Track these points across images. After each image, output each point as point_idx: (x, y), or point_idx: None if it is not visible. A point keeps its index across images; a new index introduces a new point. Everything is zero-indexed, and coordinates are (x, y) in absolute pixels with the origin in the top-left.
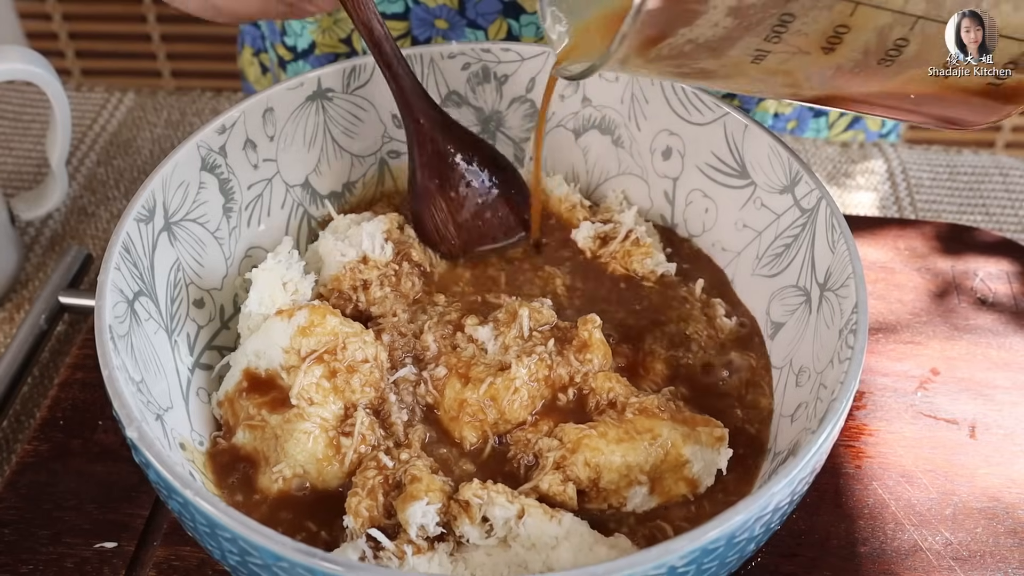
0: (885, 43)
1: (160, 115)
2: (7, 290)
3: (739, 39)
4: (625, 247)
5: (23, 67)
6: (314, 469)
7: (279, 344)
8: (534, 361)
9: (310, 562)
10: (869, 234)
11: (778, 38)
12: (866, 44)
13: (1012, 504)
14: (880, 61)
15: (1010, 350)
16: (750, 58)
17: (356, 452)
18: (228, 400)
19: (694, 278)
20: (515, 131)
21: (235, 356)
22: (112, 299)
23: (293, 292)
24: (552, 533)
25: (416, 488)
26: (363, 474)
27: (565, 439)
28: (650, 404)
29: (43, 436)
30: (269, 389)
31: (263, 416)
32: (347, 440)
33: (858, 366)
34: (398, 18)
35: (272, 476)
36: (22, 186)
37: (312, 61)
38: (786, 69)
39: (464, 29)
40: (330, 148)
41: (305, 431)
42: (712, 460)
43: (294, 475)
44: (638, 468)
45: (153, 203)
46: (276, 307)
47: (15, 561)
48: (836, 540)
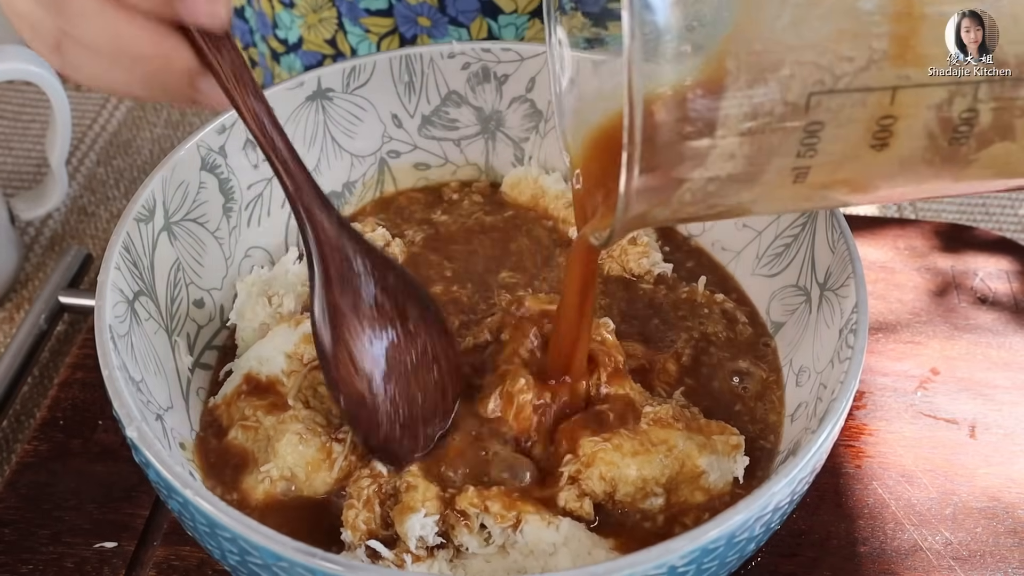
0: (950, 121)
1: (160, 115)
2: (7, 290)
3: (767, 163)
4: (622, 245)
5: (23, 67)
6: (303, 472)
7: (283, 349)
8: None
9: (310, 562)
10: (869, 234)
11: (813, 151)
12: (925, 127)
13: (1012, 504)
14: (951, 141)
15: (1010, 350)
16: (790, 178)
17: (347, 459)
18: (226, 403)
19: (695, 276)
20: (515, 131)
21: (238, 363)
22: (112, 299)
23: (278, 306)
24: (550, 540)
25: (412, 497)
26: (357, 484)
27: (580, 452)
28: (664, 414)
29: (43, 436)
30: (268, 394)
31: (258, 417)
32: (339, 446)
33: (858, 366)
34: (382, 14)
35: (259, 476)
36: (22, 186)
37: (301, 56)
38: (841, 179)
39: (447, 26)
40: (330, 148)
41: (298, 432)
42: (728, 469)
43: (281, 477)
44: (654, 481)
45: (153, 203)
46: (259, 320)
47: (15, 561)
48: (836, 540)
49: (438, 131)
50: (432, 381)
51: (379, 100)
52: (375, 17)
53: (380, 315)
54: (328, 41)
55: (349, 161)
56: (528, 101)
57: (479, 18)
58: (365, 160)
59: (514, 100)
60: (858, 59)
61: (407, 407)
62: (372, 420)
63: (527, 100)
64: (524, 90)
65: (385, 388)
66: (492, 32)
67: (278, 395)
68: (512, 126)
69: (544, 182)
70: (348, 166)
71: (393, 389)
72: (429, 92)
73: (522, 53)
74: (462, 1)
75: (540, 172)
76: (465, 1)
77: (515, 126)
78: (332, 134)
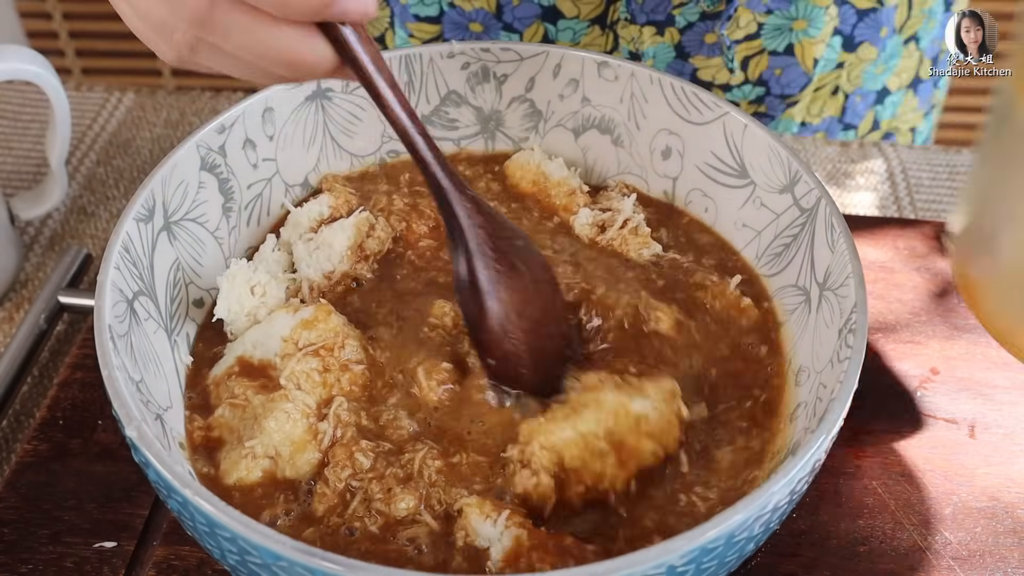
0: None
1: (160, 115)
2: (7, 290)
3: None
4: (623, 234)
5: (23, 67)
6: (287, 451)
7: (279, 334)
8: None
9: (310, 561)
10: (869, 234)
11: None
12: None
13: (1012, 504)
14: None
15: None
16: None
17: (332, 438)
18: (215, 383)
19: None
20: (515, 131)
21: (231, 346)
22: (112, 299)
23: (261, 295)
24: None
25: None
26: (335, 471)
27: (520, 438)
28: (589, 381)
29: (43, 436)
30: (259, 376)
31: (247, 396)
32: (324, 424)
33: (857, 366)
34: (431, 21)
35: (242, 452)
36: (22, 186)
37: None
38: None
39: (500, 33)
40: (329, 148)
41: (286, 411)
42: (669, 408)
43: (264, 454)
44: (593, 436)
45: (153, 203)
46: (245, 312)
47: (15, 561)
48: (836, 540)
49: (438, 131)
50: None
51: None
52: (423, 23)
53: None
54: (378, 39)
55: (349, 161)
56: (528, 101)
57: (535, 24)
58: (365, 160)
59: (514, 100)
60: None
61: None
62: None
63: (527, 100)
64: (524, 90)
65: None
66: (548, 36)
67: (269, 378)
68: (512, 126)
69: (547, 168)
70: (348, 166)
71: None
72: (429, 92)
73: (521, 53)
74: (521, 7)
75: (543, 157)
76: (524, 7)
77: (515, 126)
78: (332, 134)
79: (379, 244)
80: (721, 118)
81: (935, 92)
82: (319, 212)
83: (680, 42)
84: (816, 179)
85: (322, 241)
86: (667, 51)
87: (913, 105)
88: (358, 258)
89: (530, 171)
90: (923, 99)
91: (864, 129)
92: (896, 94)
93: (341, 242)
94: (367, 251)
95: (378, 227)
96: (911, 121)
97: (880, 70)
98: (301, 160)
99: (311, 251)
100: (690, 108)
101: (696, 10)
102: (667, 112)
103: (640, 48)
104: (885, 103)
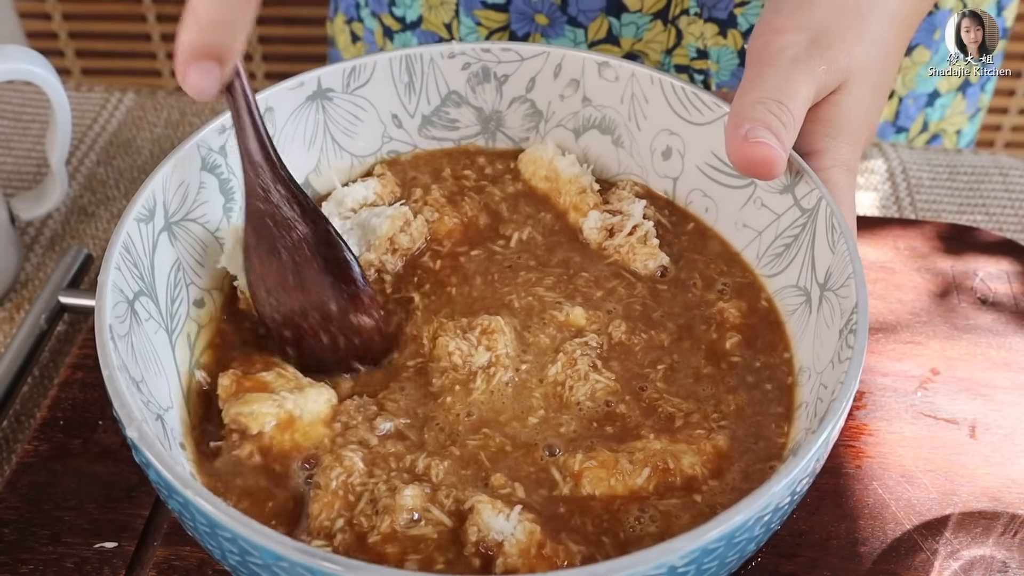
0: None
1: (160, 115)
2: (7, 290)
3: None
4: (631, 242)
5: (23, 67)
6: (310, 418)
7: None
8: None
9: (310, 562)
10: (869, 234)
11: None
12: None
13: (1012, 504)
14: None
15: (1010, 350)
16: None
17: (341, 423)
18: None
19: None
20: (515, 131)
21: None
22: (112, 299)
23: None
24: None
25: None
26: (326, 472)
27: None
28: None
29: (43, 436)
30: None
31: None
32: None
33: (858, 366)
34: (499, 9)
35: (271, 403)
36: (22, 186)
37: (419, 35)
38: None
39: (564, 26)
40: (330, 148)
41: (320, 390)
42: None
43: (288, 412)
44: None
45: (153, 203)
46: None
47: (15, 561)
48: (836, 540)
49: (438, 131)
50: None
51: (379, 100)
52: (490, 11)
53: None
54: (446, 25)
55: (349, 161)
56: (528, 101)
57: (600, 17)
58: (365, 160)
59: (514, 100)
60: None
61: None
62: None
63: (527, 100)
64: (524, 90)
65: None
66: (612, 30)
67: None
68: (512, 126)
69: (558, 164)
70: (348, 166)
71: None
72: (429, 92)
73: (522, 53)
74: (586, 0)
75: (556, 152)
76: (590, 0)
77: (515, 126)
78: (332, 134)
79: (410, 242)
80: (721, 118)
81: (981, 95)
82: (364, 196)
83: (744, 48)
84: (817, 179)
85: (358, 222)
86: (730, 57)
87: (961, 108)
88: (387, 250)
89: (543, 166)
90: (971, 102)
91: (915, 132)
92: (945, 96)
93: (376, 229)
94: (397, 245)
95: (413, 225)
96: (958, 124)
97: (931, 73)
98: (301, 160)
99: (346, 230)
100: (690, 108)
101: (758, 9)
102: (667, 112)
103: (707, 46)
104: (935, 105)
